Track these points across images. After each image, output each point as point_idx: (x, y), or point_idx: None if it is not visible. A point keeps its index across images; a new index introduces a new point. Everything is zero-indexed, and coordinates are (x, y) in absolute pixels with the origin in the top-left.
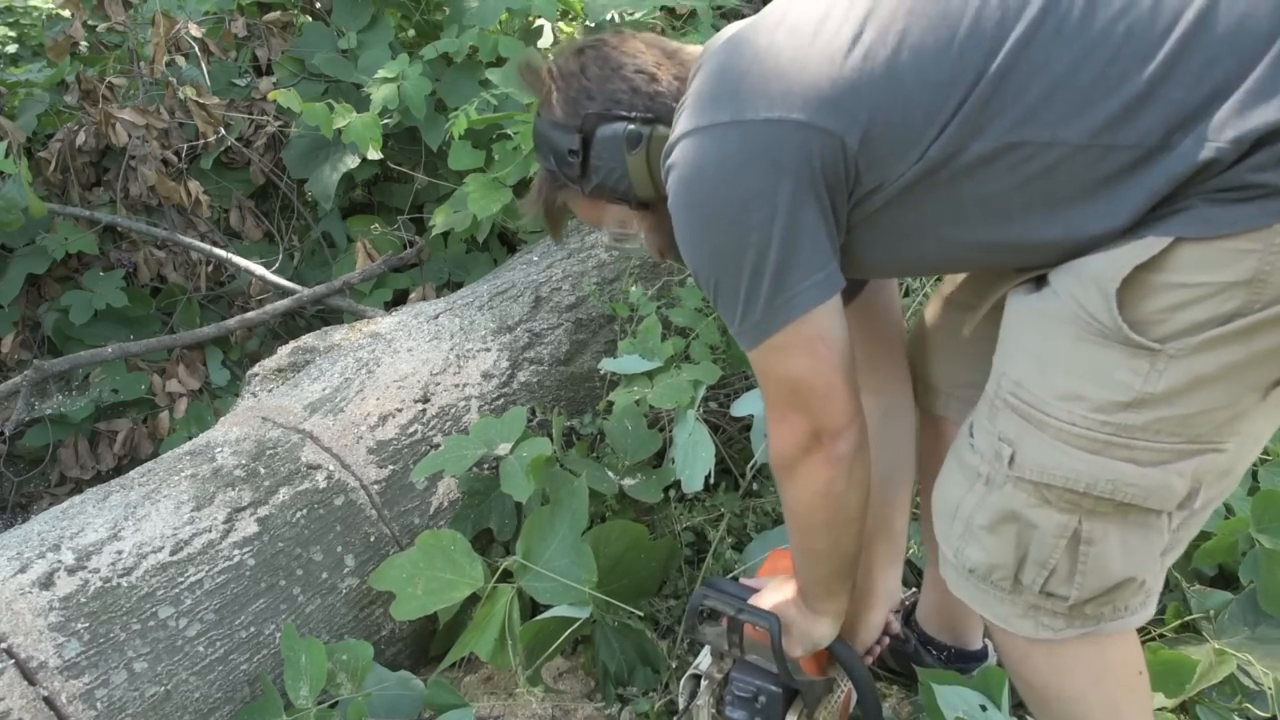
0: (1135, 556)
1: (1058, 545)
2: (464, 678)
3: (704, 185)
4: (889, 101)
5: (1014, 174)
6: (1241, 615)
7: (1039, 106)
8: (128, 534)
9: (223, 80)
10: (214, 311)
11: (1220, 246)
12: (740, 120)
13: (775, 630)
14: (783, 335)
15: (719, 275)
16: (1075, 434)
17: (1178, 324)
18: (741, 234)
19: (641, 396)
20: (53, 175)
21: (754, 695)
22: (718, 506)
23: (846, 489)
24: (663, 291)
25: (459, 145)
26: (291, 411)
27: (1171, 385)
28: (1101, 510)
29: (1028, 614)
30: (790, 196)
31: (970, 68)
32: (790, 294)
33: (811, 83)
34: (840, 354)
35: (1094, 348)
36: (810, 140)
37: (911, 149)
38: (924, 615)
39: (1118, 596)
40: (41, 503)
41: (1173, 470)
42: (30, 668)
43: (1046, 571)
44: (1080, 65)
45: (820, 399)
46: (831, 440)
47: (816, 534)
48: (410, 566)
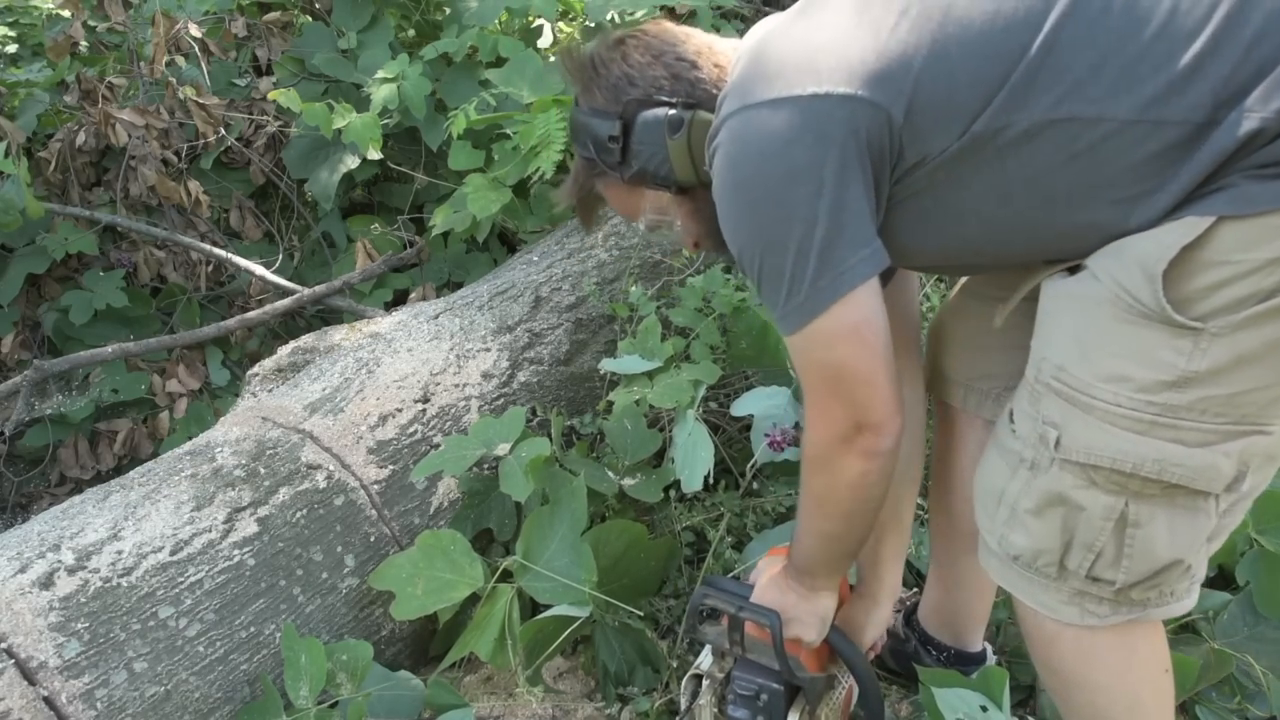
0: (1181, 539)
1: (1104, 528)
2: (464, 678)
3: (750, 162)
4: (934, 75)
5: (1060, 151)
6: (1240, 616)
7: (1085, 81)
8: (128, 534)
9: (223, 80)
10: (214, 311)
11: (1261, 223)
12: (787, 96)
13: (777, 627)
14: (827, 317)
15: (763, 255)
16: (1121, 414)
17: (1219, 301)
18: (787, 210)
19: (641, 396)
20: (53, 175)
21: (756, 693)
22: (718, 506)
23: (877, 482)
24: (663, 291)
25: (458, 145)
26: (291, 411)
27: (1215, 363)
28: (1149, 492)
29: (1073, 600)
30: (837, 171)
31: (1015, 42)
32: (836, 271)
33: (857, 57)
34: (884, 342)
35: (1136, 328)
36: (857, 113)
37: (956, 123)
38: (925, 615)
39: (1164, 581)
40: (41, 503)
41: (1219, 451)
42: (30, 668)
43: (1093, 555)
44: (1126, 41)
45: (864, 388)
46: (874, 434)
47: (836, 521)
48: (410, 566)
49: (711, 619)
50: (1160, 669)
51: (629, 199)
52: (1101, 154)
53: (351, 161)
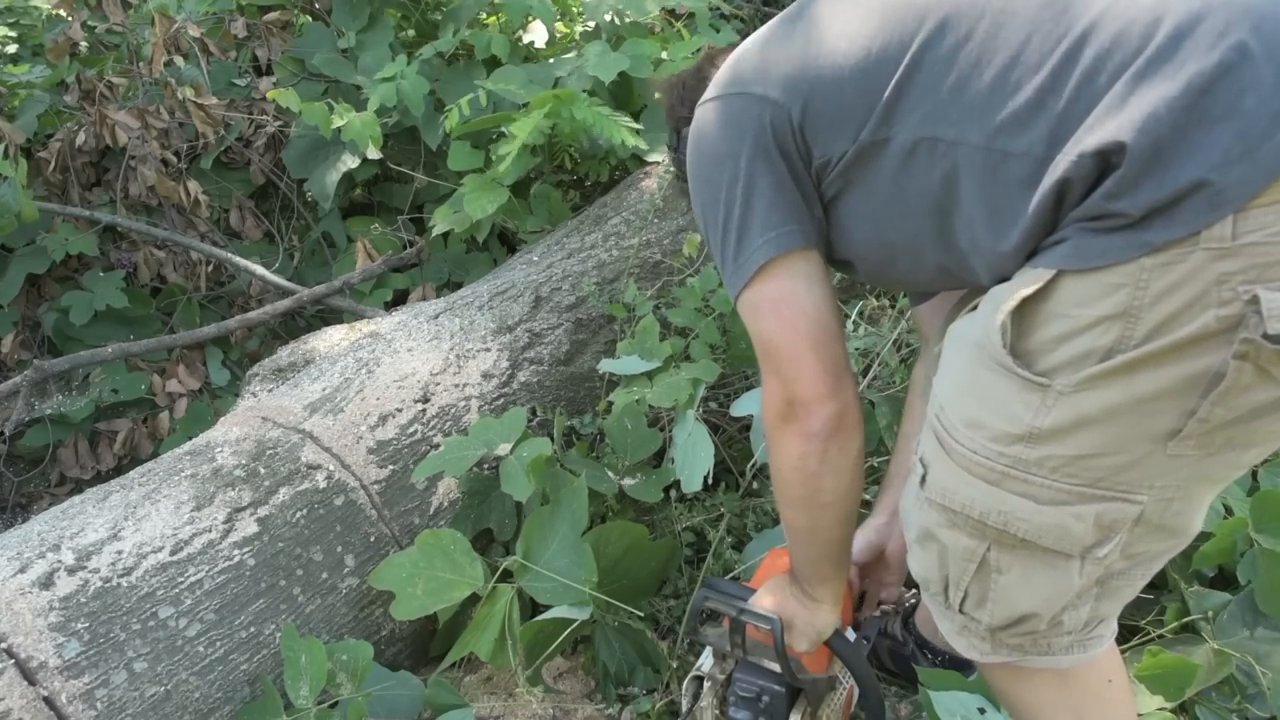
0: (1040, 593)
1: (968, 569)
2: (464, 678)
3: (693, 150)
4: (827, 81)
5: (934, 169)
6: (1240, 616)
7: (945, 103)
8: (128, 534)
9: (223, 80)
10: (214, 311)
11: (1095, 280)
12: (723, 95)
13: (778, 630)
14: (750, 291)
15: (707, 229)
16: (976, 462)
17: (1062, 356)
18: (715, 192)
19: (641, 396)
20: (52, 175)
21: (757, 695)
22: (718, 506)
23: (820, 470)
24: (662, 291)
25: (457, 146)
26: (291, 411)
27: (1057, 422)
28: (1006, 541)
29: (961, 633)
30: (749, 159)
31: (891, 58)
32: (749, 250)
33: (773, 64)
34: (809, 324)
35: (996, 377)
36: (764, 109)
37: (847, 128)
38: (923, 620)
39: (1031, 631)
40: (41, 503)
41: (1069, 512)
42: (30, 668)
43: (961, 593)
44: (982, 66)
45: (790, 364)
46: (805, 412)
47: (793, 509)
48: (410, 566)
49: (712, 621)
50: (1102, 680)
51: None
52: (963, 179)
53: (351, 161)
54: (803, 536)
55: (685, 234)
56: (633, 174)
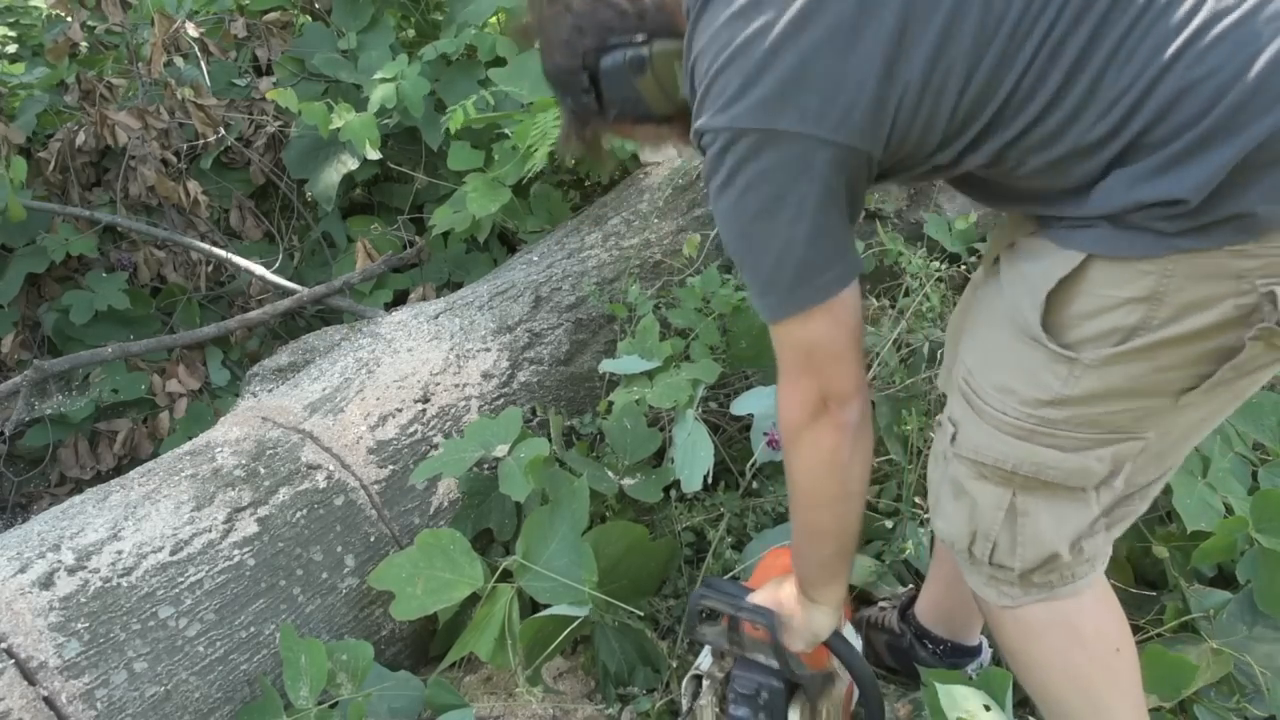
0: (1067, 527)
1: (996, 517)
2: (464, 678)
3: (735, 180)
4: (909, 122)
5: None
6: (1239, 615)
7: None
8: (128, 534)
9: (223, 80)
10: (214, 311)
11: (1124, 265)
12: (774, 130)
13: (774, 626)
14: (800, 318)
15: (744, 255)
16: (1006, 421)
17: (1089, 331)
18: (769, 228)
19: (641, 396)
20: (52, 175)
21: (756, 691)
22: (717, 506)
23: (850, 459)
24: (662, 291)
25: (458, 145)
26: (291, 411)
27: (1086, 391)
28: (1031, 486)
29: (990, 583)
30: (817, 201)
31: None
32: (812, 286)
33: (843, 102)
34: (857, 323)
35: (1026, 348)
36: (841, 156)
37: (925, 155)
38: (923, 609)
39: (1059, 565)
40: (41, 503)
41: (1091, 455)
42: (30, 668)
43: (991, 543)
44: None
45: (834, 362)
46: (839, 406)
47: (820, 508)
48: (410, 566)
49: (710, 620)
50: (1110, 649)
51: (623, 133)
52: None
53: (351, 162)
54: (821, 537)
55: (685, 234)
56: (633, 174)
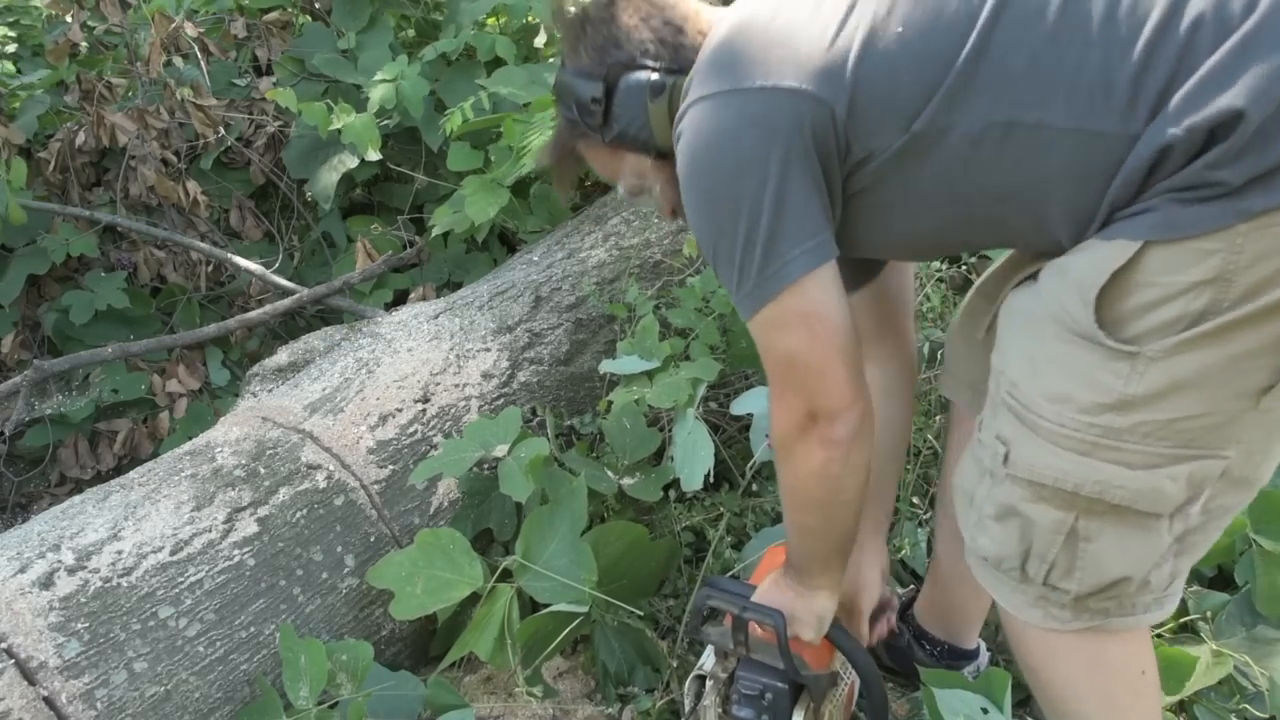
0: (1133, 556)
1: (1055, 541)
2: (464, 678)
3: (703, 153)
4: (876, 72)
5: (1005, 155)
6: (1239, 616)
7: (1020, 85)
8: (128, 534)
9: (223, 80)
10: (214, 311)
11: (1186, 247)
12: (738, 89)
13: (781, 626)
14: (776, 305)
15: (716, 242)
16: (1064, 435)
17: (1151, 323)
18: (735, 200)
19: (640, 396)
20: (52, 175)
21: (760, 692)
22: (717, 506)
23: (843, 473)
24: (662, 291)
25: (456, 146)
26: (291, 411)
27: (1152, 387)
28: (1096, 509)
29: (1037, 604)
30: (781, 162)
31: (953, 42)
32: (781, 262)
33: (805, 53)
34: (838, 333)
35: (1078, 349)
36: (801, 106)
37: (898, 120)
38: (922, 610)
39: (1121, 594)
40: (41, 503)
41: (1163, 474)
42: (30, 668)
43: (1047, 565)
44: (1062, 46)
45: (816, 377)
46: (828, 422)
47: (810, 512)
48: (409, 565)
49: (713, 620)
50: (1136, 671)
51: (609, 161)
52: (1048, 160)
53: (351, 161)
54: (814, 536)
55: (685, 234)
56: None
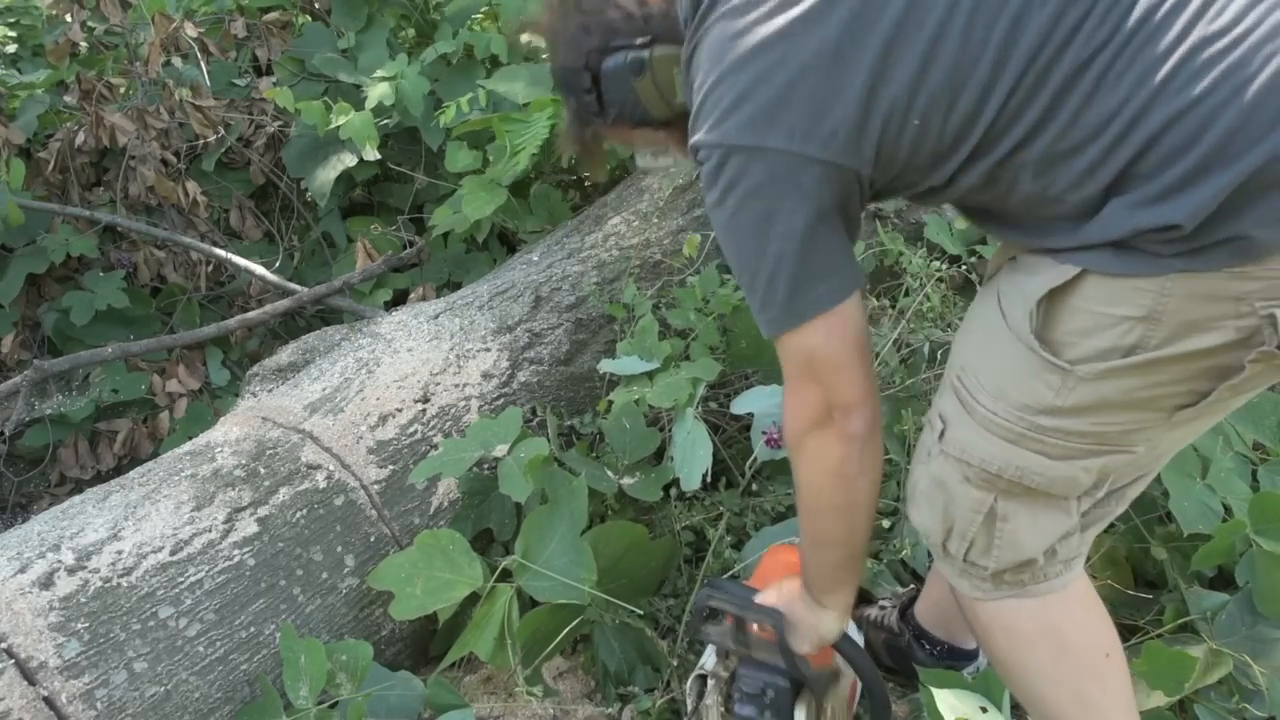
0: (1045, 534)
1: (975, 519)
2: (464, 678)
3: (729, 197)
4: (899, 144)
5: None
6: (1239, 616)
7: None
8: (128, 534)
9: (222, 80)
10: (214, 311)
11: (1121, 283)
12: (762, 147)
13: (780, 626)
14: (798, 333)
15: (740, 269)
16: (995, 423)
17: (1085, 348)
18: (762, 244)
19: (640, 396)
20: (52, 175)
21: (762, 690)
22: (717, 506)
23: (858, 472)
24: (662, 291)
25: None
26: (291, 411)
27: (1079, 402)
28: (1014, 491)
29: (962, 575)
30: (808, 218)
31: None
32: (808, 299)
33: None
34: (857, 336)
35: (1019, 354)
36: (829, 174)
37: (917, 174)
38: (922, 611)
39: (1033, 567)
40: (41, 503)
41: (1079, 465)
42: (30, 668)
43: (966, 543)
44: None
45: (835, 370)
46: (844, 416)
47: (826, 516)
48: (409, 566)
49: (714, 619)
50: (1098, 654)
51: (622, 138)
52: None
53: (350, 161)
54: (830, 545)
55: (685, 234)
56: (633, 174)
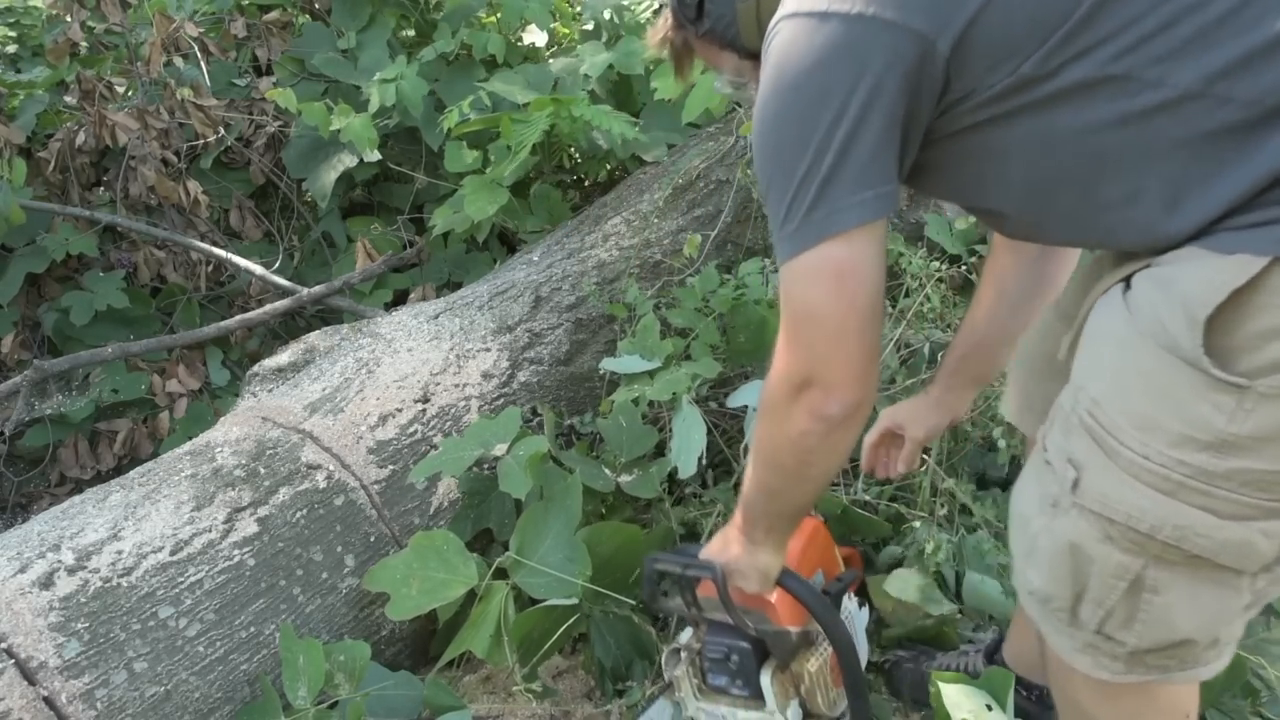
0: (1206, 614)
1: (1115, 587)
2: (463, 677)
3: (787, 74)
4: (990, 7)
5: (1113, 110)
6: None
7: (1151, 38)
8: (128, 534)
9: (222, 80)
10: (214, 311)
11: None
12: (834, 12)
13: (718, 576)
14: (813, 253)
15: (774, 173)
16: (1147, 469)
17: (1269, 355)
18: (806, 131)
19: (639, 396)
20: (52, 175)
21: (726, 655)
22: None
23: (818, 448)
24: (662, 291)
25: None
26: (291, 411)
27: (1259, 429)
28: (1170, 558)
29: (1085, 650)
30: (863, 103)
31: None
32: (832, 207)
33: None
34: (867, 302)
35: (1176, 374)
36: (900, 43)
37: (1007, 61)
38: (1013, 656)
39: (1185, 653)
40: (41, 503)
41: (1256, 528)
42: (30, 668)
43: (1103, 612)
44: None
45: (828, 342)
46: (824, 394)
47: (772, 473)
48: (404, 568)
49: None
50: (1180, 715)
51: (711, 54)
52: (1156, 123)
53: (350, 161)
54: (768, 494)
55: (685, 234)
56: (633, 174)
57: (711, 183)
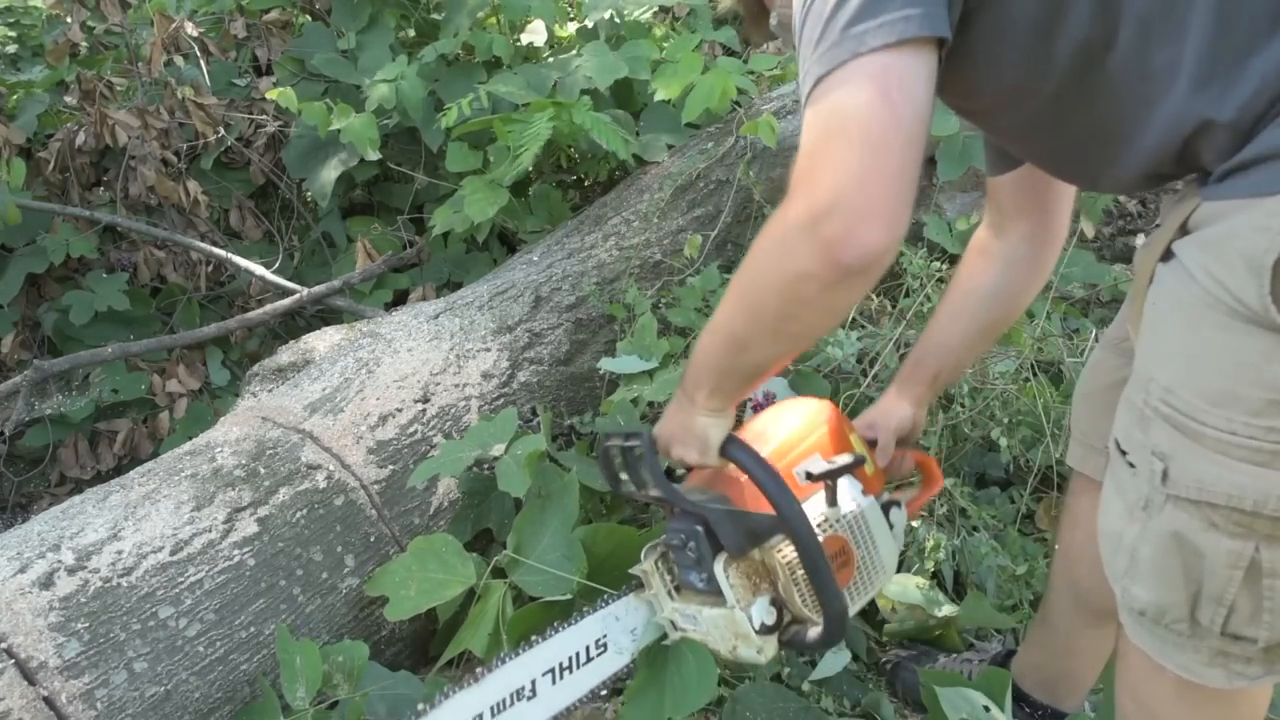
0: None
1: (1232, 577)
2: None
3: None
4: None
5: None
6: None
7: None
8: (128, 534)
9: (222, 80)
10: (214, 311)
11: None
12: None
13: (646, 444)
14: (857, 63)
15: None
16: (1236, 444)
17: None
18: None
19: (639, 395)
20: (52, 175)
21: (684, 542)
22: None
23: (814, 299)
24: (662, 291)
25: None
26: (291, 411)
27: None
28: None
29: (1214, 661)
30: None
31: None
32: (876, 20)
33: None
34: (913, 117)
35: (1243, 337)
36: None
37: None
38: (1020, 672)
39: None
40: (41, 503)
41: None
42: (30, 668)
43: (1225, 609)
44: None
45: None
46: (843, 229)
47: (746, 318)
48: (404, 571)
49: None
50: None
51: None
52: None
53: (350, 161)
54: (728, 344)
55: (685, 234)
56: (633, 174)
57: (711, 183)
